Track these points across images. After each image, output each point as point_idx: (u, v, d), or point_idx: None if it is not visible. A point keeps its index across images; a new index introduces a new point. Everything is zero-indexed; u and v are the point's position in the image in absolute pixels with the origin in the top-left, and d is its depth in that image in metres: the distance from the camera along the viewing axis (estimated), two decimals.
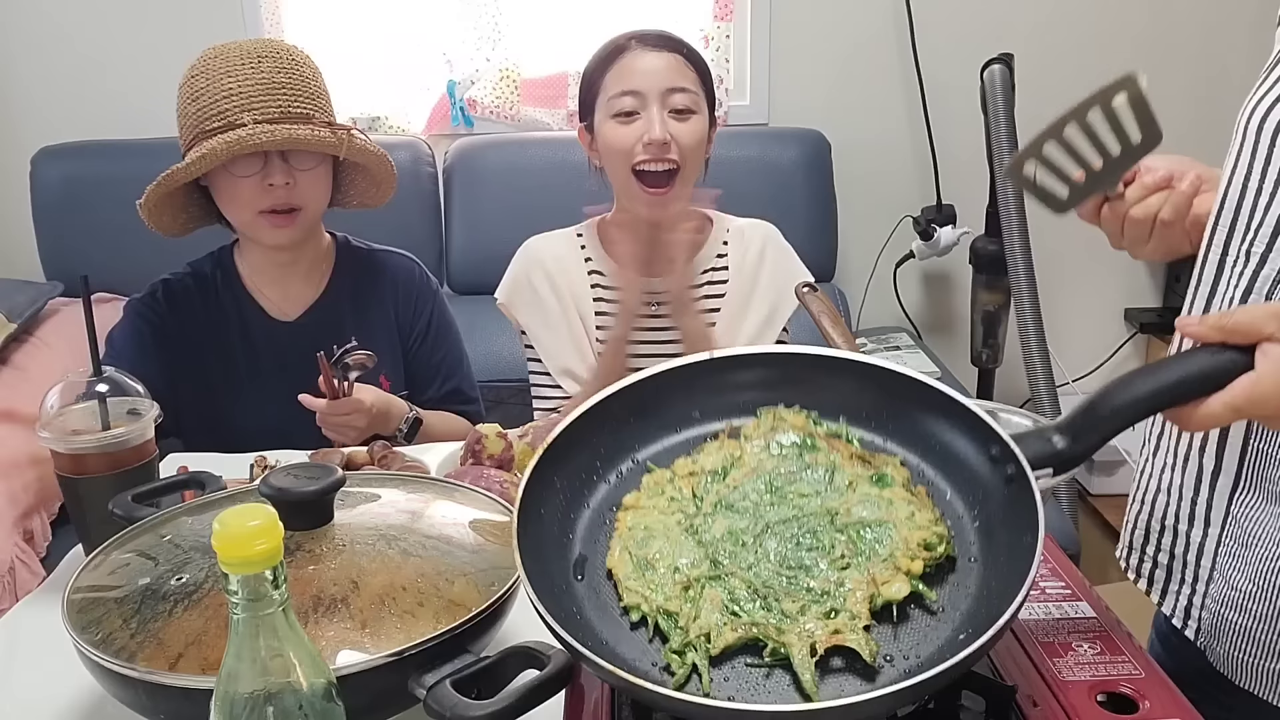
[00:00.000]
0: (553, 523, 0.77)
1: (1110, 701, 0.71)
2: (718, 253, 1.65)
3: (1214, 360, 0.73)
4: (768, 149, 2.54)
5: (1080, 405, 0.74)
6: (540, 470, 0.76)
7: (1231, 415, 0.73)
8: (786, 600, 0.70)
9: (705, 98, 1.55)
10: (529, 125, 2.68)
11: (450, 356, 1.70)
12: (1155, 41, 2.66)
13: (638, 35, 1.54)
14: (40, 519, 1.95)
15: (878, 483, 0.77)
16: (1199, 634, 0.95)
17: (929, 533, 0.72)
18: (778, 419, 0.82)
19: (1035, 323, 2.41)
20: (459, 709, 0.67)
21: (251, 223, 1.48)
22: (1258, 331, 0.72)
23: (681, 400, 0.84)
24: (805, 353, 0.84)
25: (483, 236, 2.53)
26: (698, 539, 0.75)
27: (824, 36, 2.66)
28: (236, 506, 0.56)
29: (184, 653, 0.72)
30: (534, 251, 1.65)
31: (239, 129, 1.39)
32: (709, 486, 0.78)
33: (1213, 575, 0.93)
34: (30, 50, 2.59)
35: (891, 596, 0.69)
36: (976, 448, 0.75)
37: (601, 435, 0.81)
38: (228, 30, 2.53)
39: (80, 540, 1.10)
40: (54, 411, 1.07)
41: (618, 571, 0.74)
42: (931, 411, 0.78)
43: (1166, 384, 0.73)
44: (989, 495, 0.74)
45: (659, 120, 1.48)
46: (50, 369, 2.09)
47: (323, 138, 1.43)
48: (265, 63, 1.44)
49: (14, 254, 2.63)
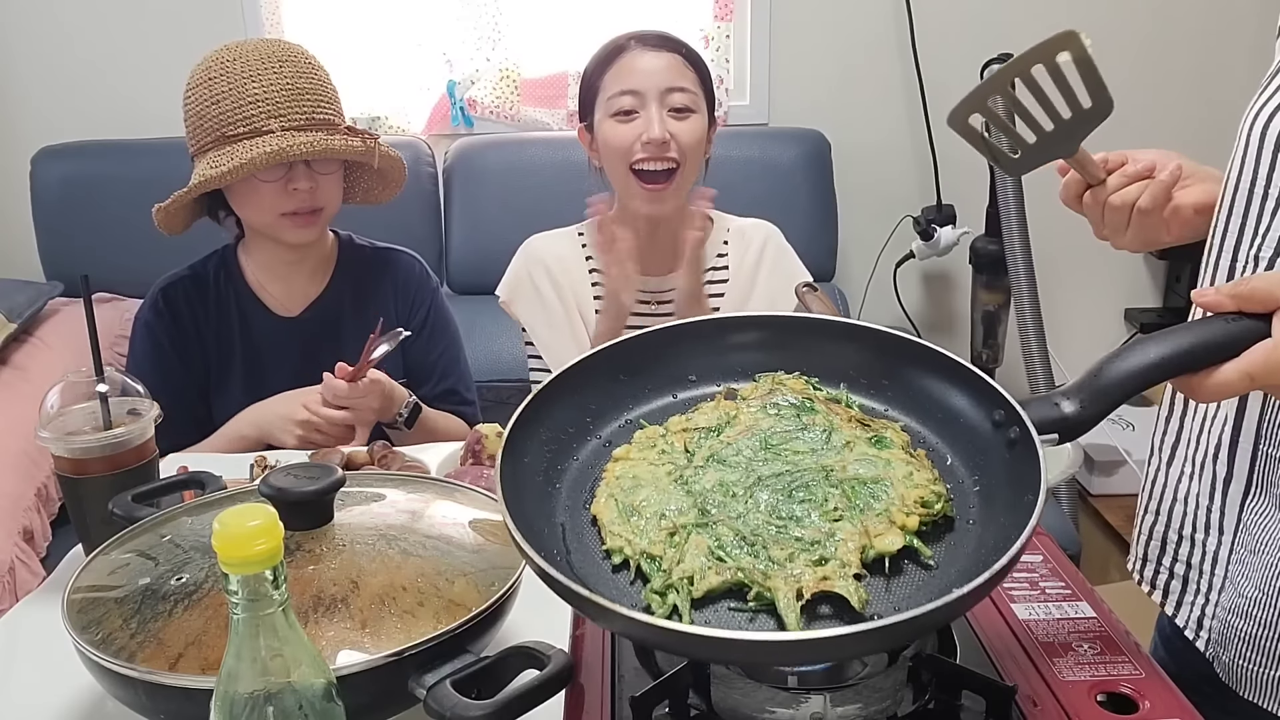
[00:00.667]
0: (536, 471, 0.75)
1: (1110, 701, 0.71)
2: (718, 252, 1.66)
3: (1229, 328, 0.71)
4: (768, 149, 2.54)
5: (1089, 370, 0.71)
6: (525, 419, 0.75)
7: (1246, 384, 0.70)
8: (775, 548, 0.68)
9: (704, 98, 1.55)
10: (529, 125, 2.68)
11: (447, 355, 1.70)
12: (1156, 42, 2.66)
13: (637, 35, 1.55)
14: (40, 519, 1.95)
15: (876, 444, 0.75)
16: (1208, 644, 0.95)
17: (926, 490, 0.71)
18: (776, 383, 0.81)
19: (1035, 323, 2.41)
20: (459, 709, 0.67)
21: (273, 224, 1.50)
22: (1275, 298, 0.70)
23: (676, 362, 0.83)
24: (806, 318, 0.84)
25: (483, 236, 2.53)
26: (687, 489, 0.73)
27: (824, 36, 2.66)
28: (236, 506, 0.56)
29: (184, 653, 0.72)
30: (535, 250, 1.66)
31: (266, 135, 1.41)
32: (702, 442, 0.77)
33: (1224, 584, 0.93)
34: (30, 50, 2.59)
35: (885, 549, 0.67)
36: (980, 412, 0.74)
37: (591, 391, 0.81)
38: (228, 30, 2.54)
39: (80, 540, 1.10)
40: (54, 412, 1.07)
41: (602, 516, 0.72)
42: (934, 375, 0.78)
43: (1179, 349, 0.70)
44: (991, 459, 0.72)
45: (658, 119, 1.48)
46: (50, 369, 2.10)
47: (356, 147, 1.47)
48: (287, 67, 1.46)
49: (14, 254, 2.62)
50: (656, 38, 1.55)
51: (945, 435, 0.77)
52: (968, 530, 0.71)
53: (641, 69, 1.51)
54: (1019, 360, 2.46)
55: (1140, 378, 0.70)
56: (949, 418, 0.77)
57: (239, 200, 1.51)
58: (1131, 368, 0.70)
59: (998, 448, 0.72)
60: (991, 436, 0.73)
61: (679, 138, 1.50)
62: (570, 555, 0.71)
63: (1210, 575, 0.94)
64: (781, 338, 0.83)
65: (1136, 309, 2.90)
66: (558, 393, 0.79)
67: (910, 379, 0.79)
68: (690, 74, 1.54)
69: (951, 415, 0.77)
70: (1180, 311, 2.82)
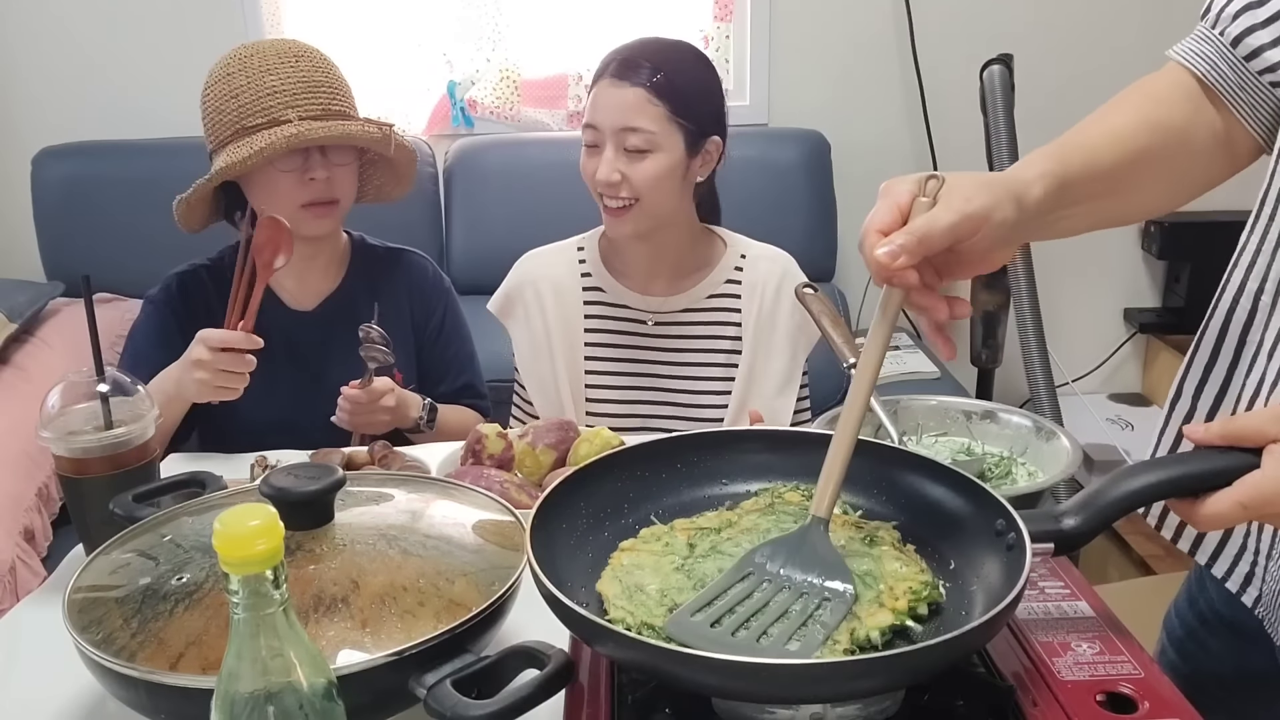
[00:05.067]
0: (570, 537, 0.81)
1: (1110, 701, 0.71)
2: (728, 278, 1.60)
3: (1219, 460, 0.74)
4: (768, 149, 2.54)
5: (1086, 491, 0.76)
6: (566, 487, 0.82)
7: (1240, 513, 0.72)
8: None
9: (679, 129, 1.47)
10: (529, 126, 2.68)
11: (462, 353, 1.72)
12: (1154, 42, 2.65)
13: (618, 57, 1.49)
14: (41, 519, 1.95)
15: (869, 543, 0.79)
16: (1257, 603, 0.92)
17: (915, 580, 0.75)
18: (775, 496, 0.87)
19: (1035, 323, 2.41)
20: (459, 709, 0.67)
21: (292, 215, 1.50)
22: (1263, 435, 0.72)
23: (714, 463, 0.90)
24: (818, 434, 0.90)
25: (483, 237, 2.53)
26: (688, 574, 0.78)
27: (824, 36, 2.67)
28: (237, 506, 0.56)
29: (185, 652, 0.72)
30: (530, 269, 1.63)
31: (283, 125, 1.43)
32: (704, 537, 0.82)
33: (1272, 550, 0.90)
34: (31, 50, 2.59)
35: (875, 625, 0.70)
36: (982, 520, 0.78)
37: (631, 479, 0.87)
38: (227, 30, 2.54)
39: (81, 540, 1.10)
40: (55, 412, 1.07)
41: (606, 592, 0.76)
42: (940, 485, 0.83)
43: (1171, 477, 0.74)
44: (986, 561, 0.76)
45: (607, 160, 1.46)
46: (50, 369, 2.10)
47: (372, 134, 1.49)
48: (303, 61, 1.49)
49: (14, 254, 2.63)
50: (626, 66, 1.47)
51: (943, 536, 0.81)
52: (960, 619, 0.73)
53: (602, 105, 1.47)
54: (1019, 360, 2.46)
55: (1135, 499, 0.75)
56: (950, 523, 0.81)
57: (257, 192, 1.51)
58: (1128, 490, 0.75)
59: (997, 550, 0.76)
60: (992, 541, 0.76)
61: (632, 179, 1.46)
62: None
63: (1258, 537, 0.91)
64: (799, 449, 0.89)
65: (1136, 309, 2.90)
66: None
67: (917, 488, 0.84)
68: (655, 109, 1.45)
69: (953, 521, 0.81)
70: (1179, 311, 2.82)
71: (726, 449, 0.89)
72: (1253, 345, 0.89)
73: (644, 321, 1.60)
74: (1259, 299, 0.88)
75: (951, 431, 1.20)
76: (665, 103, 1.46)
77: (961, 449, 1.18)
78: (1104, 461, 2.52)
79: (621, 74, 1.46)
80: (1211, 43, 0.92)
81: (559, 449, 1.25)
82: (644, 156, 1.47)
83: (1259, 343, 0.88)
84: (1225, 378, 0.92)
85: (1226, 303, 0.91)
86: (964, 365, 2.67)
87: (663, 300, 1.60)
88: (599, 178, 1.47)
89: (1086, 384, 2.88)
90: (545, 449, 1.25)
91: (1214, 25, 0.91)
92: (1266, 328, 0.87)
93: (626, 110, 1.45)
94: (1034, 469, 1.13)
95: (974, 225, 0.77)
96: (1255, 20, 0.87)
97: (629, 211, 1.50)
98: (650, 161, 1.47)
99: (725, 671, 0.62)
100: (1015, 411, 1.20)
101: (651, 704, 0.71)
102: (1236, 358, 0.91)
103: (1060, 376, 2.61)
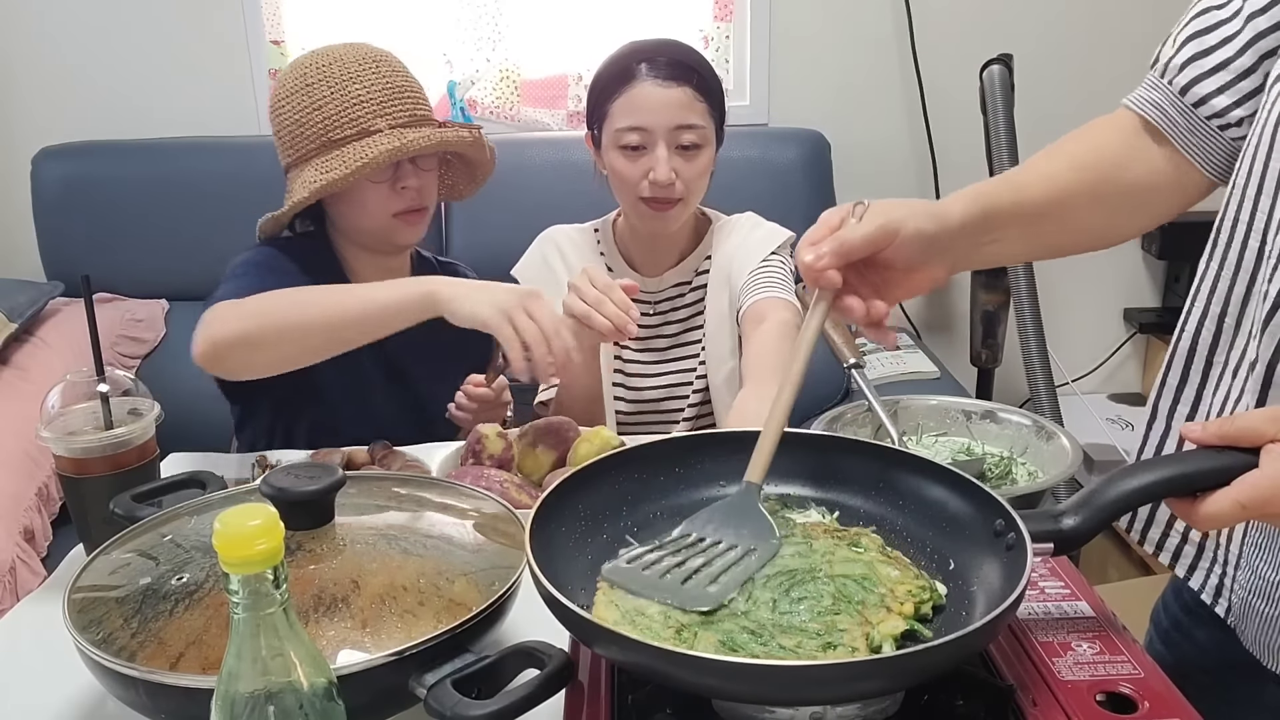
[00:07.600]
0: (569, 539, 0.81)
1: (1109, 701, 0.71)
2: (707, 254, 1.67)
3: (1216, 459, 0.74)
4: (768, 149, 2.54)
5: (1085, 491, 0.77)
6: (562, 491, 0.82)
7: (1239, 512, 0.73)
8: (783, 637, 0.70)
9: (715, 124, 1.54)
10: (529, 125, 2.68)
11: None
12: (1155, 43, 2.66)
13: (649, 59, 1.50)
14: (41, 518, 1.95)
15: (853, 548, 0.80)
16: (1228, 614, 0.94)
17: (912, 585, 0.75)
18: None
19: (1035, 323, 2.41)
20: (459, 708, 0.67)
21: (385, 225, 1.48)
22: (1260, 435, 0.73)
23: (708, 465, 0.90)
24: (818, 435, 0.91)
25: (483, 236, 2.53)
26: None
27: (824, 36, 2.66)
28: (237, 506, 0.56)
29: (185, 652, 0.72)
30: (555, 238, 1.69)
31: (374, 135, 1.40)
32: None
33: (1239, 561, 0.92)
34: (30, 50, 2.59)
35: (888, 633, 0.70)
36: (982, 520, 0.78)
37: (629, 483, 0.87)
38: (227, 30, 2.55)
39: (81, 540, 1.10)
40: (55, 411, 1.07)
41: (605, 618, 0.73)
42: (939, 485, 0.83)
43: (1168, 476, 0.75)
44: (986, 561, 0.77)
45: (664, 160, 1.48)
46: (50, 369, 2.10)
47: (466, 139, 1.47)
48: (383, 66, 1.45)
49: (14, 254, 2.62)
50: (670, 67, 1.49)
51: (942, 535, 0.82)
52: (961, 620, 0.74)
53: (650, 106, 1.48)
54: (1019, 360, 2.46)
55: (1134, 499, 0.76)
56: (950, 523, 0.82)
57: (346, 206, 1.47)
58: (1127, 490, 0.76)
59: (996, 550, 0.76)
60: (990, 541, 0.77)
61: (684, 175, 1.50)
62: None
63: (1225, 549, 0.94)
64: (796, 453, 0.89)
65: (1136, 309, 2.90)
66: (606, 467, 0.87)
67: (917, 487, 0.85)
68: (700, 105, 1.50)
69: (953, 521, 0.82)
70: (1179, 311, 2.81)
71: (725, 451, 0.89)
72: (1219, 366, 0.92)
73: (648, 304, 1.64)
74: (1223, 321, 0.91)
75: (951, 431, 1.20)
76: (706, 99, 1.52)
77: (961, 449, 1.18)
78: (1104, 461, 2.51)
79: (669, 75, 1.49)
80: (1161, 90, 0.96)
81: (559, 449, 1.25)
82: (697, 153, 1.51)
83: (1224, 363, 0.91)
84: (1195, 397, 0.95)
85: (1192, 326, 0.94)
86: (964, 365, 2.67)
87: (658, 280, 1.66)
88: (657, 178, 1.49)
89: (1086, 384, 2.88)
90: (545, 449, 1.25)
91: (1163, 75, 0.97)
92: (1231, 348, 0.91)
93: (679, 109, 1.49)
94: (1034, 469, 1.13)
95: (889, 234, 0.85)
96: (1201, 70, 0.93)
97: (675, 208, 1.53)
98: (702, 157, 1.52)
99: (726, 673, 0.62)
100: (1015, 411, 1.20)
101: (651, 704, 0.71)
102: (1204, 378, 0.94)
103: (1060, 376, 2.60)
